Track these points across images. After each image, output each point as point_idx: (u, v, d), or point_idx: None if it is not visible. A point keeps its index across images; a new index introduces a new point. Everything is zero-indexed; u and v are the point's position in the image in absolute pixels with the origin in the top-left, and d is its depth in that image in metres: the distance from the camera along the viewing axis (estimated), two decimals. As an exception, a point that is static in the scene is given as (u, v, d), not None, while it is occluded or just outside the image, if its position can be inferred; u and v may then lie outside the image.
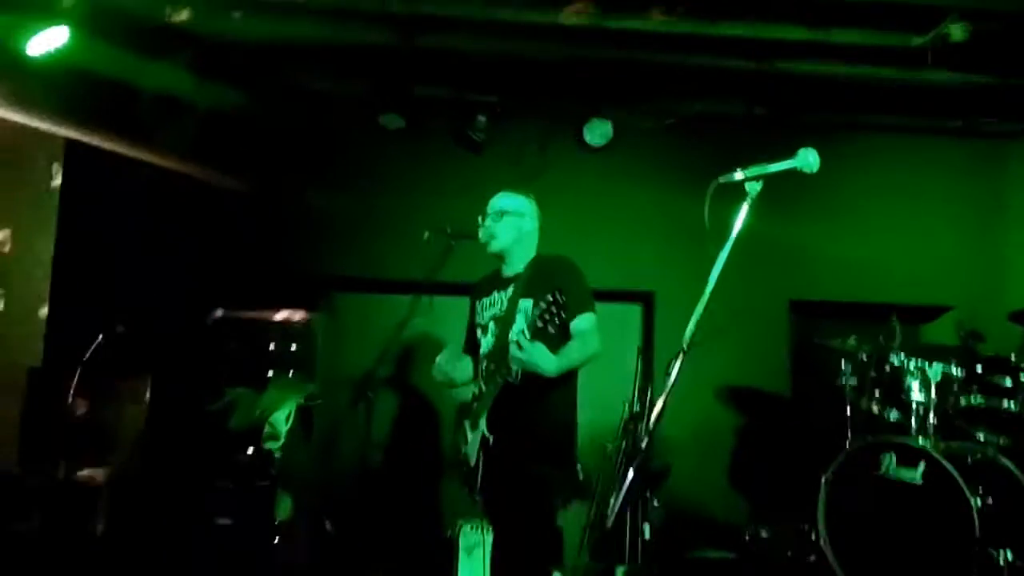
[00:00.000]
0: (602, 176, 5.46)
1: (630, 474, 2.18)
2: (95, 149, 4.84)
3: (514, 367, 2.92)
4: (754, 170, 2.19)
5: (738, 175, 2.20)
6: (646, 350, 5.38)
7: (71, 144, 4.94)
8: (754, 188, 2.19)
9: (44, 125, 4.80)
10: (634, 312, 5.58)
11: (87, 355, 4.35)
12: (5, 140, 4.78)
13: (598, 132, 5.38)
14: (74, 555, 4.21)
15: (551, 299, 2.80)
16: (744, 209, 2.19)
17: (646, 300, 5.51)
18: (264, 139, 5.23)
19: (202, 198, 5.08)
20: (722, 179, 2.22)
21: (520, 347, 2.83)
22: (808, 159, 2.18)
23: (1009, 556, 3.03)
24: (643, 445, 2.21)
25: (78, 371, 4.34)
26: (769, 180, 2.28)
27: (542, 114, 5.46)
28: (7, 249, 4.97)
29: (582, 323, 3.07)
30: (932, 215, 5.60)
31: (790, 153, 2.34)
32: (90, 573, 4.18)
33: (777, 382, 5.43)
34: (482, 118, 5.24)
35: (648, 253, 5.30)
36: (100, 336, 4.34)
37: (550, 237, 3.53)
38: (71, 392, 4.34)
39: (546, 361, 2.87)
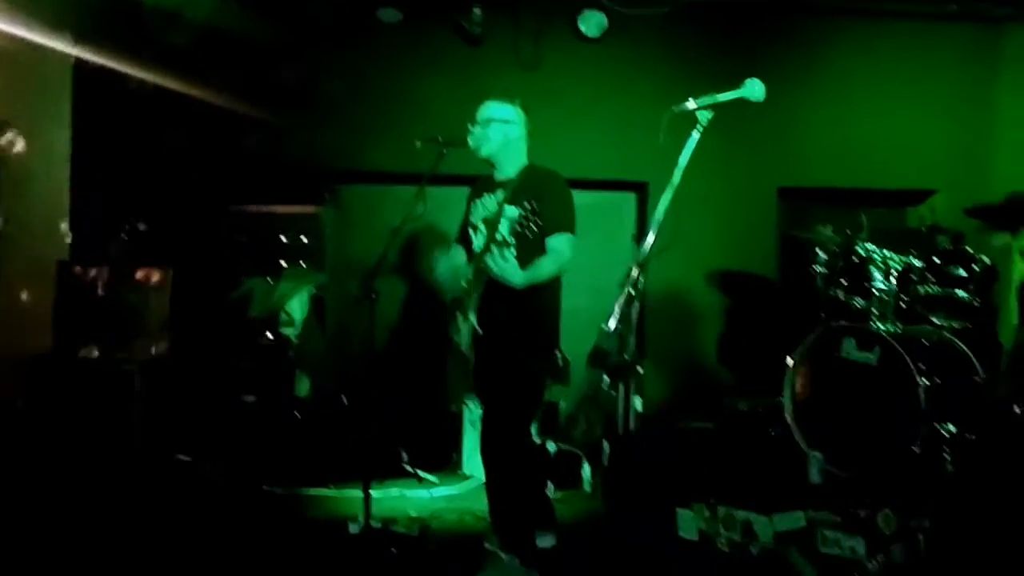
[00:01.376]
0: (597, 67, 5.55)
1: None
2: (106, 53, 4.96)
3: (491, 273, 3.19)
4: (704, 100, 2.37)
5: (690, 104, 2.39)
6: (640, 238, 5.63)
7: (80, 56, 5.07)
8: (704, 116, 2.38)
9: (56, 30, 4.91)
10: (629, 201, 5.78)
11: (112, 249, 4.64)
12: (17, 44, 4.91)
13: (593, 23, 5.43)
14: (111, 434, 4.62)
15: (528, 208, 3.05)
16: (694, 135, 2.38)
17: (640, 189, 5.71)
18: (265, 36, 5.30)
19: (211, 98, 5.21)
20: (676, 108, 2.40)
21: (494, 260, 3.09)
22: (754, 89, 2.36)
23: (952, 428, 3.34)
24: (604, 346, 2.47)
25: (104, 263, 4.64)
26: (761, 67, 2.42)
27: (537, 5, 5.49)
28: (20, 149, 5.17)
29: (557, 242, 3.29)
30: (923, 100, 5.68)
31: (780, 41, 2.43)
32: (128, 450, 4.60)
33: (765, 266, 5.68)
34: (478, 10, 5.30)
35: (643, 143, 5.41)
36: (123, 232, 4.60)
37: (546, 127, 3.67)
38: (99, 283, 4.64)
39: (515, 275, 3.14)
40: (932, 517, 2.92)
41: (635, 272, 2.44)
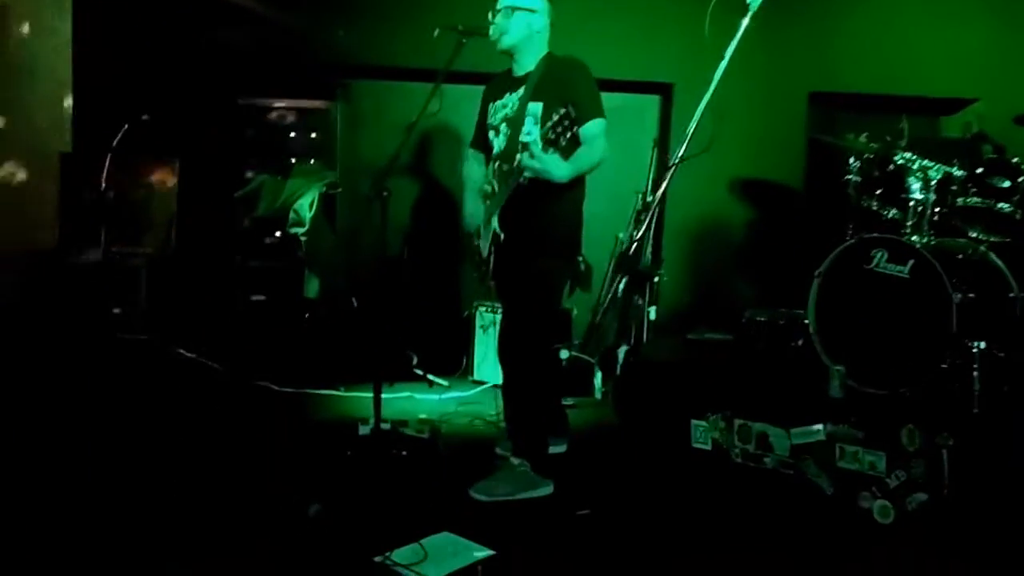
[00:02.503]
0: (624, -39, 5.26)
1: (618, 275, 2.34)
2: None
3: (527, 173, 3.02)
4: (754, -17, 2.18)
5: (737, -11, 2.19)
6: (662, 143, 5.43)
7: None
8: (755, 2, 2.18)
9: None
10: (652, 103, 5.56)
11: (115, 141, 4.50)
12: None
13: (621, -88, 5.11)
14: (118, 327, 4.58)
15: (564, 110, 2.85)
16: (744, 22, 2.19)
17: (665, 92, 5.47)
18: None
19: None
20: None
21: (532, 155, 2.93)
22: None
23: (983, 345, 3.23)
24: (631, 250, 2.35)
25: (108, 156, 4.51)
26: None
27: None
28: (26, 31, 4.98)
29: (592, 128, 3.11)
30: (963, 3, 5.37)
31: None
32: (136, 344, 4.56)
33: (792, 176, 5.49)
34: None
35: (669, 43, 5.18)
36: (126, 124, 4.45)
37: (569, 23, 3.48)
38: (104, 176, 4.53)
39: (559, 168, 2.97)
40: (957, 434, 2.83)
41: (666, 179, 2.28)
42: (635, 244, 2.33)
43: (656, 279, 4.88)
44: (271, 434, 3.82)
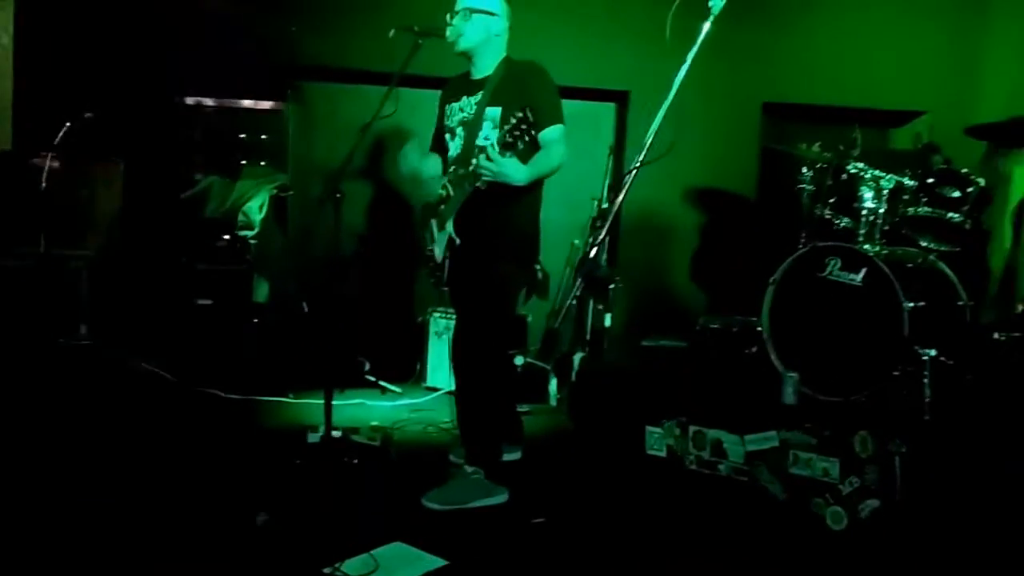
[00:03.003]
0: (579, -31, 5.26)
1: (576, 280, 2.32)
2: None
3: (484, 176, 2.98)
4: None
5: (700, -9, 2.18)
6: (618, 150, 5.44)
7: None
8: (717, 4, 2.17)
9: None
10: (608, 111, 5.57)
11: (57, 139, 4.36)
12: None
13: (579, -83, 5.11)
14: (58, 332, 4.42)
15: (521, 115, 2.82)
16: (705, 26, 2.18)
17: (620, 99, 5.48)
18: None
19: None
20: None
21: (489, 158, 2.89)
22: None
23: (933, 352, 3.27)
24: (590, 254, 2.32)
25: (49, 155, 4.36)
26: None
27: None
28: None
29: (551, 133, 3.09)
30: (913, 18, 5.47)
31: None
32: (78, 349, 4.41)
33: (745, 184, 5.54)
34: None
35: (624, 51, 5.18)
36: (69, 121, 4.31)
37: (525, 33, 3.45)
38: (44, 175, 4.38)
39: (517, 171, 2.94)
40: (909, 441, 2.85)
41: (627, 184, 2.26)
42: (594, 248, 2.28)
43: (612, 286, 4.88)
44: (218, 442, 3.70)
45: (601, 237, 2.33)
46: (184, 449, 3.55)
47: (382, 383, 4.73)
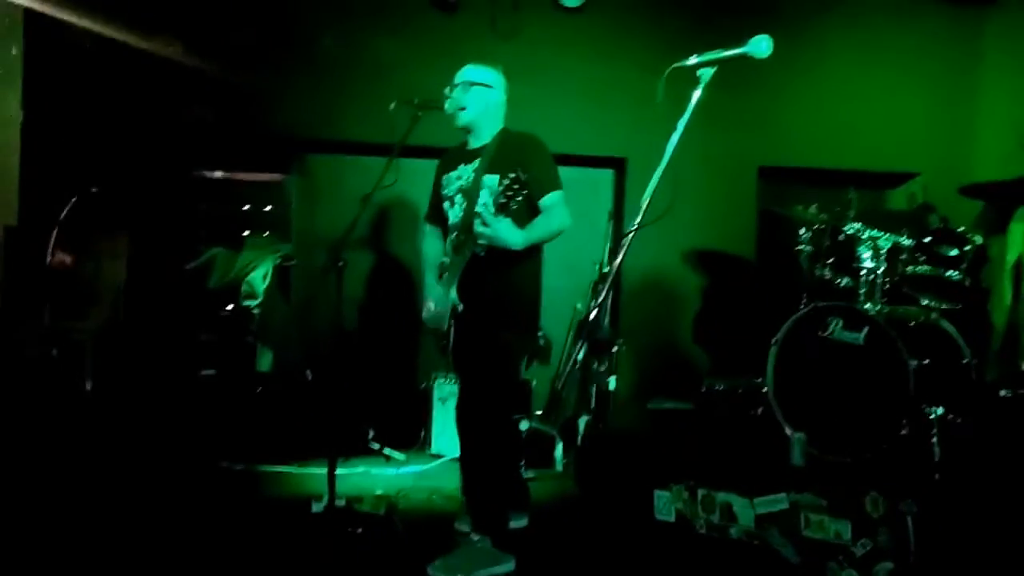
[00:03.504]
0: (577, 38, 5.38)
1: (578, 343, 2.34)
2: (60, 6, 4.71)
3: (481, 241, 3.02)
4: (708, 56, 2.23)
5: (692, 60, 2.24)
6: (617, 214, 5.50)
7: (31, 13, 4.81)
8: (707, 73, 2.23)
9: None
10: (606, 177, 5.65)
11: (63, 214, 4.41)
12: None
13: (573, -8, 5.28)
14: (63, 407, 4.40)
15: (513, 176, 2.88)
16: (696, 94, 2.24)
17: (618, 165, 5.57)
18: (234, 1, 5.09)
19: (175, 62, 4.97)
20: (676, 64, 2.26)
21: (485, 223, 2.93)
22: (760, 46, 2.21)
23: (940, 411, 3.26)
24: (592, 317, 2.34)
25: (55, 229, 4.41)
26: (743, 39, 2.28)
27: (516, -28, 5.32)
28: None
29: (550, 199, 3.15)
30: (905, 81, 5.59)
31: (763, 17, 2.33)
32: (80, 424, 4.39)
33: (744, 246, 5.58)
34: (455, -25, 5.13)
35: (621, 119, 5.29)
36: (75, 196, 4.38)
37: (523, 100, 3.54)
38: (50, 249, 4.42)
39: (512, 235, 2.99)
40: (920, 501, 2.82)
41: (624, 248, 2.30)
42: (594, 311, 2.30)
43: (615, 348, 4.88)
44: (222, 513, 3.66)
45: (601, 299, 2.35)
46: (188, 520, 3.51)
47: (387, 450, 4.68)
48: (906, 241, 3.68)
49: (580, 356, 4.31)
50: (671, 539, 3.30)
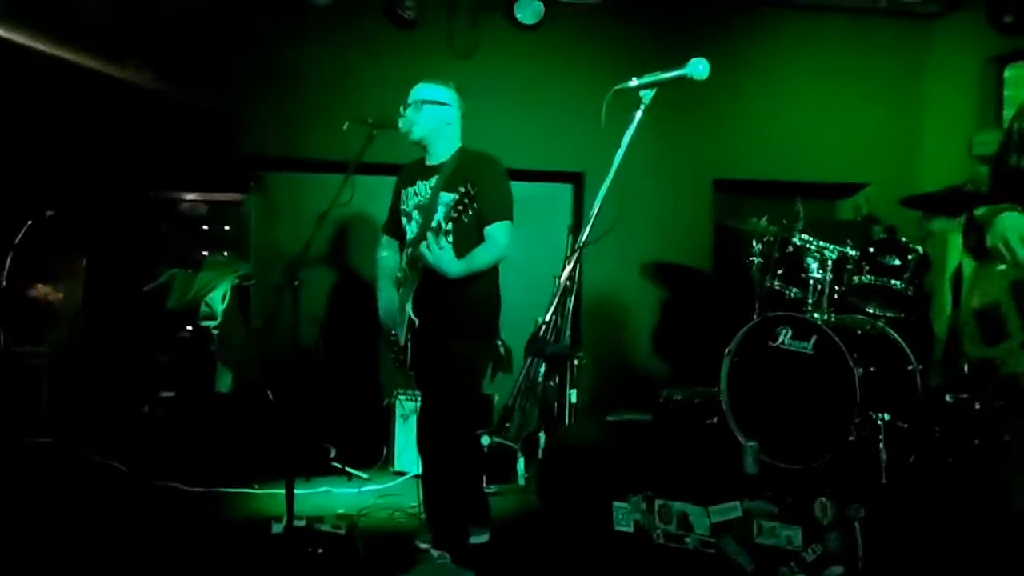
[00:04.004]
0: (533, 55, 5.46)
1: (529, 359, 2.39)
2: (15, 27, 4.69)
3: (422, 262, 3.07)
4: (647, 78, 2.30)
5: (632, 83, 2.31)
6: (576, 228, 5.56)
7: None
8: (648, 95, 2.30)
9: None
10: (565, 191, 5.72)
11: (18, 237, 4.38)
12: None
13: (529, 10, 5.34)
14: (20, 430, 4.37)
15: (464, 190, 2.93)
16: (637, 115, 2.30)
17: (576, 180, 5.65)
18: (192, 19, 5.08)
19: (129, 82, 4.97)
20: (618, 87, 2.32)
21: (429, 248, 2.98)
22: (698, 68, 2.29)
23: (887, 417, 3.35)
24: (540, 333, 2.39)
25: (10, 253, 4.38)
26: (697, 54, 2.33)
27: (473, -11, 5.39)
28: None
29: (496, 230, 3.20)
30: (854, 94, 5.71)
31: (716, 32, 2.38)
32: (36, 445, 4.35)
33: (700, 258, 5.67)
34: (411, -7, 5.18)
35: (578, 133, 5.35)
36: (29, 220, 4.35)
37: (481, 116, 3.59)
38: (4, 273, 4.38)
39: (452, 266, 3.06)
40: (868, 505, 2.90)
41: (572, 262, 2.35)
42: (543, 327, 2.34)
43: (576, 362, 4.93)
44: (181, 536, 3.65)
45: (549, 315, 2.39)
46: (147, 544, 3.50)
47: (348, 469, 4.69)
48: (852, 252, 3.78)
49: (540, 371, 4.37)
50: (630, 550, 3.35)
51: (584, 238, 2.35)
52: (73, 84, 4.86)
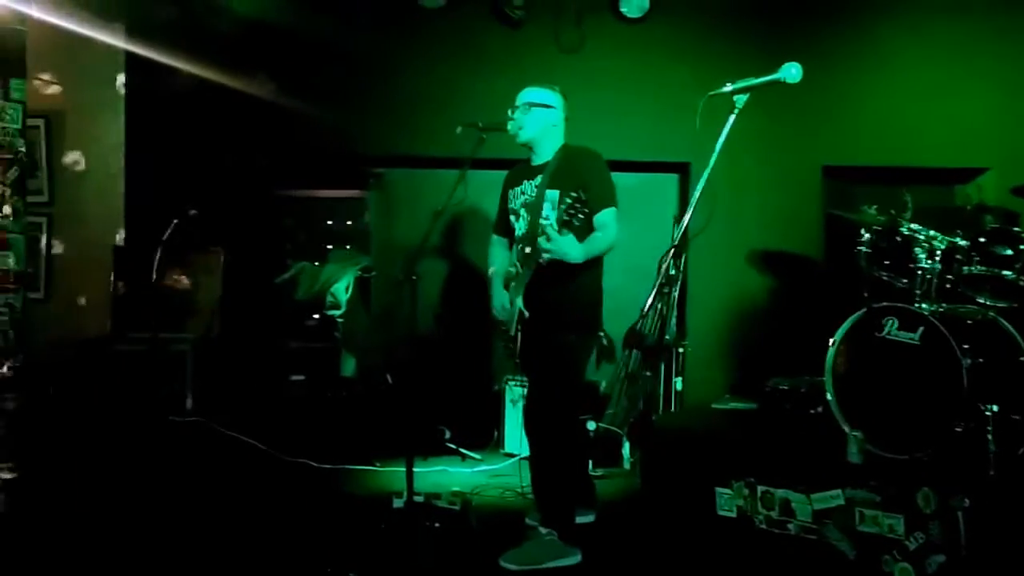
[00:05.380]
0: (639, 48, 5.52)
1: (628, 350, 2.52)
2: (155, 46, 5.13)
3: (545, 256, 3.22)
4: (741, 83, 2.39)
5: (727, 88, 2.41)
6: (682, 218, 5.60)
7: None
8: (741, 99, 2.39)
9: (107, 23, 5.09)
10: (671, 181, 5.78)
11: (165, 234, 4.79)
12: (72, 38, 5.10)
13: (634, 4, 5.41)
14: (168, 410, 4.78)
15: (575, 195, 3.09)
16: (731, 119, 2.40)
17: (682, 170, 5.69)
18: (310, 32, 5.40)
19: (257, 94, 5.33)
20: (712, 93, 2.42)
21: (549, 239, 3.14)
22: (791, 72, 2.36)
23: (995, 408, 3.30)
24: (638, 327, 2.52)
25: (159, 248, 4.79)
26: (806, 45, 2.41)
27: (578, -13, 5.50)
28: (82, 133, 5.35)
29: (604, 217, 3.34)
30: (971, 76, 5.49)
31: (825, 18, 2.40)
32: (182, 424, 4.76)
33: (809, 247, 5.62)
34: (519, -7, 5.34)
35: (684, 124, 5.34)
36: (175, 219, 4.75)
37: (587, 111, 3.72)
38: (155, 267, 4.80)
39: (574, 250, 3.19)
40: (974, 496, 2.90)
41: (672, 253, 2.47)
42: (640, 320, 2.48)
43: (681, 350, 5.02)
44: (310, 508, 3.95)
45: (648, 306, 2.51)
46: (279, 515, 3.82)
47: (462, 450, 4.93)
48: (962, 241, 3.72)
49: (634, 361, 4.49)
50: (732, 534, 3.43)
51: (680, 233, 2.47)
52: (209, 97, 5.27)
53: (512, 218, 3.60)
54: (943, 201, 5.70)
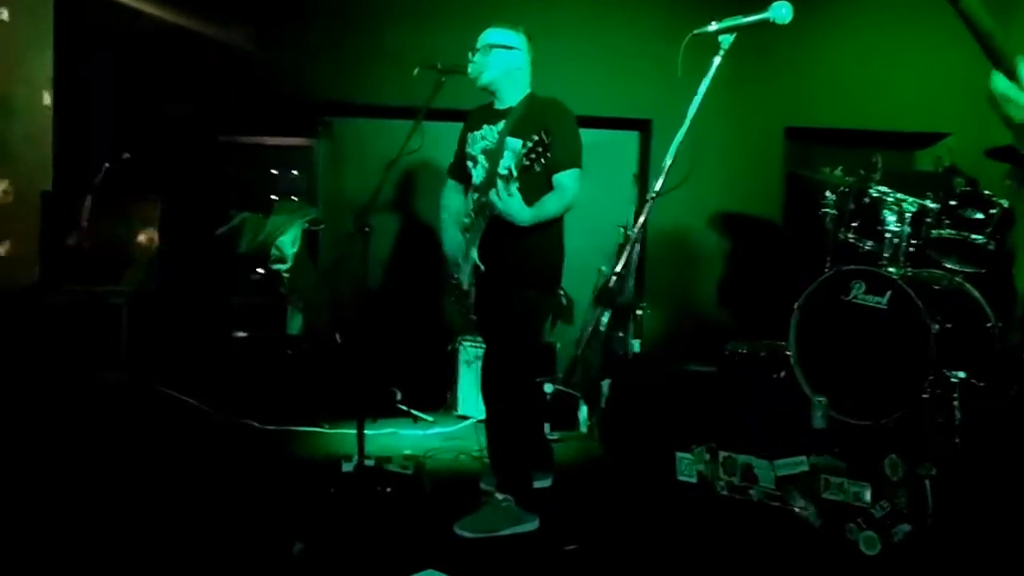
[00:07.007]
0: (602, 2, 5.34)
1: (597, 308, 2.38)
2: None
3: (492, 210, 3.05)
4: (727, 22, 2.23)
5: (712, 27, 2.24)
6: (642, 176, 5.50)
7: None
8: (727, 40, 2.23)
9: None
10: (631, 139, 5.64)
11: (97, 180, 4.50)
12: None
13: (599, -50, 5.22)
14: (99, 365, 4.54)
15: (537, 138, 2.88)
16: (716, 61, 2.24)
17: (643, 127, 5.56)
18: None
19: (200, 30, 5.03)
20: (697, 31, 2.26)
21: (499, 196, 2.97)
22: (781, 11, 2.20)
23: (962, 375, 3.27)
24: (609, 285, 2.37)
25: (90, 194, 4.50)
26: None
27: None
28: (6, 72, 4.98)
29: (565, 178, 3.16)
30: (934, 40, 5.45)
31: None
32: (114, 381, 4.52)
33: (770, 208, 5.56)
34: (479, -65, 5.09)
35: (646, 80, 5.25)
36: (107, 162, 4.46)
37: (549, 65, 3.54)
38: (84, 214, 4.51)
39: (521, 212, 3.02)
40: (940, 464, 2.86)
41: (645, 213, 2.32)
42: (614, 278, 2.33)
43: (639, 312, 4.92)
44: (254, 472, 3.78)
45: (620, 266, 2.38)
46: (221, 479, 3.64)
47: (414, 412, 4.79)
48: (931, 204, 3.66)
49: (604, 321, 4.37)
50: (692, 500, 3.37)
51: (658, 188, 2.31)
52: (148, 34, 4.94)
53: (469, 164, 3.40)
54: (902, 166, 5.68)
